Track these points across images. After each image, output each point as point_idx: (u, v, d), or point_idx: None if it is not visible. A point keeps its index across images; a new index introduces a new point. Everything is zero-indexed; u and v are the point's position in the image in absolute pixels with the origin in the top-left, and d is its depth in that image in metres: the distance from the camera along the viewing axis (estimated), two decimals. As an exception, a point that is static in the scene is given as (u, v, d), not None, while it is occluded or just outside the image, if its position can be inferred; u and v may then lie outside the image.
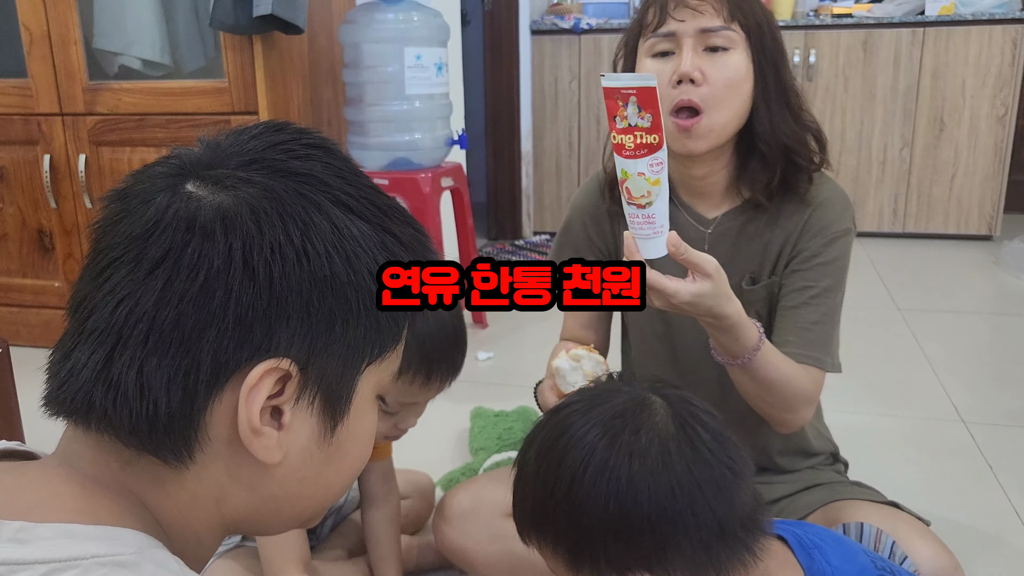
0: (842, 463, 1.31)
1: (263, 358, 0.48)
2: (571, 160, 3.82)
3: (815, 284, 1.09)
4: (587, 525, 0.69)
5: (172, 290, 0.46)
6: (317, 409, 0.52)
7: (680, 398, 0.74)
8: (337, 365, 0.51)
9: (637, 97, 0.84)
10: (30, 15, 2.13)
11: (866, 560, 0.79)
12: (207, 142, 0.52)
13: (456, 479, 1.56)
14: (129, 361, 0.46)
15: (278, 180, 0.49)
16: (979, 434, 1.79)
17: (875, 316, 2.62)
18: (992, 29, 3.35)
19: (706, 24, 1.02)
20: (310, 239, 0.48)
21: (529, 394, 1.33)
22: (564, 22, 3.67)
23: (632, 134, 0.86)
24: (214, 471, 0.50)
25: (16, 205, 2.31)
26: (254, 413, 0.48)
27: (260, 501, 0.53)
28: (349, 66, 2.21)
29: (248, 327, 0.47)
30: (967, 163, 3.50)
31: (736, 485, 0.70)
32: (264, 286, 0.47)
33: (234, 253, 0.46)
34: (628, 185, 0.88)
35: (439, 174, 2.27)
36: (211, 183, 0.48)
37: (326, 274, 0.49)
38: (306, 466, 0.53)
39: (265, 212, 0.48)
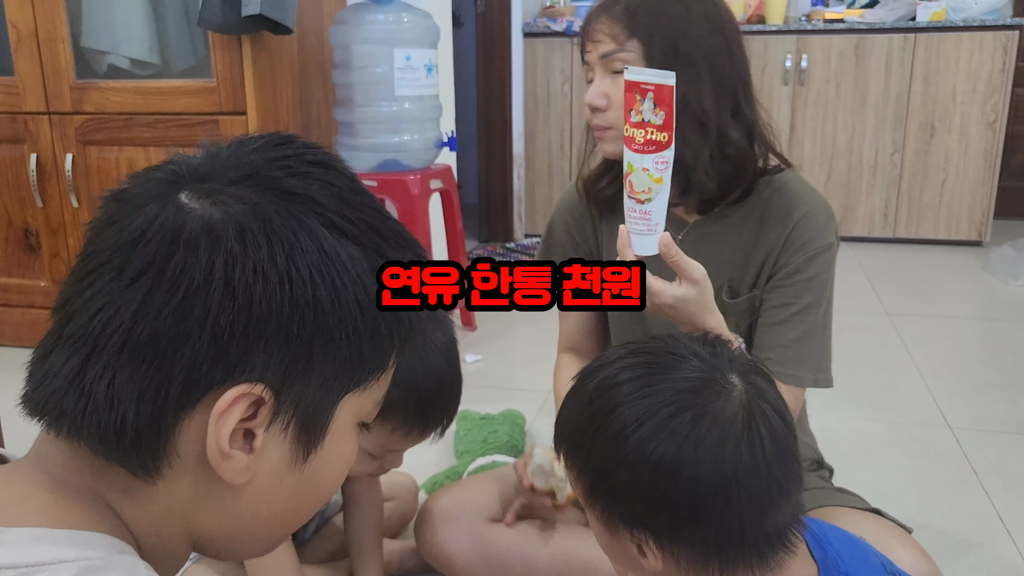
0: (827, 469, 1.31)
1: (237, 381, 0.47)
2: (563, 163, 3.81)
3: (796, 301, 1.09)
4: (616, 476, 0.70)
5: (151, 302, 0.45)
6: (291, 434, 0.50)
7: (759, 391, 0.70)
8: (314, 392, 0.50)
9: (655, 93, 0.86)
10: (18, 13, 2.12)
11: (877, 562, 0.78)
12: (208, 150, 0.51)
13: (440, 482, 1.56)
14: (102, 371, 0.46)
15: (270, 198, 0.48)
16: (964, 439, 1.79)
17: (864, 321, 2.62)
18: (983, 35, 3.36)
19: (603, 51, 1.06)
20: (295, 262, 0.47)
21: (516, 397, 1.33)
22: (557, 25, 3.67)
23: (644, 129, 0.87)
24: (183, 486, 0.49)
25: (2, 204, 2.30)
26: (223, 437, 0.47)
27: (227, 521, 0.52)
28: (339, 67, 2.20)
29: (224, 347, 0.46)
30: (957, 169, 3.51)
31: (777, 504, 0.68)
32: (243, 307, 0.46)
33: (216, 271, 0.45)
34: (632, 179, 0.89)
35: (428, 176, 2.26)
36: (203, 196, 0.47)
37: (308, 299, 0.47)
38: (275, 490, 0.52)
39: (251, 231, 0.46)
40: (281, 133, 0.53)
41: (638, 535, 0.70)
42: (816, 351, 1.10)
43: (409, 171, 2.22)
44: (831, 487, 1.24)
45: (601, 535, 0.76)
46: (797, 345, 1.08)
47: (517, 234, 3.87)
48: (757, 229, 1.11)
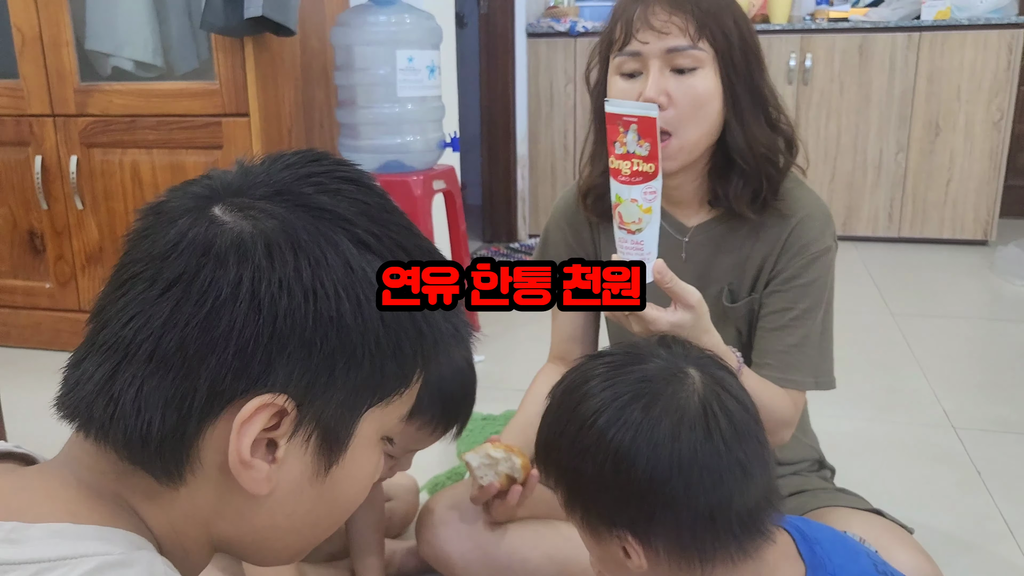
0: (828, 469, 1.31)
1: (260, 392, 0.48)
2: (566, 163, 3.81)
3: (794, 306, 1.08)
4: (584, 472, 0.71)
5: (180, 313, 0.47)
6: (312, 447, 0.51)
7: (717, 380, 0.73)
8: (337, 406, 0.51)
9: (638, 125, 0.86)
10: (22, 16, 2.13)
11: (868, 562, 0.78)
12: (243, 165, 0.53)
13: (442, 483, 1.56)
14: (131, 378, 0.47)
15: (299, 214, 0.49)
16: (968, 440, 1.78)
17: (868, 321, 2.61)
18: (988, 34, 3.35)
19: (672, 44, 0.99)
20: (320, 278, 0.48)
21: (518, 398, 1.33)
22: (560, 25, 3.67)
23: (629, 160, 0.87)
24: (205, 493, 0.51)
25: (7, 206, 2.31)
26: (245, 446, 0.48)
27: (247, 530, 0.53)
28: (341, 68, 2.20)
29: (248, 359, 0.47)
30: (963, 168, 3.49)
31: (742, 482, 0.70)
32: (268, 320, 0.47)
33: (243, 284, 0.47)
34: (620, 210, 0.89)
35: (431, 177, 2.26)
36: (236, 210, 0.49)
37: (332, 315, 0.48)
38: (296, 501, 0.53)
39: (279, 246, 0.48)
40: (315, 150, 0.54)
41: (617, 532, 0.72)
42: (815, 355, 1.09)
43: (412, 172, 2.23)
44: (832, 487, 1.23)
45: (590, 546, 0.77)
46: (796, 350, 1.08)
47: (521, 235, 3.87)
48: (755, 233, 1.11)
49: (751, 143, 1.04)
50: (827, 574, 0.73)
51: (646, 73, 1.01)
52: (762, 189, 1.07)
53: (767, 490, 0.72)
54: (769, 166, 1.07)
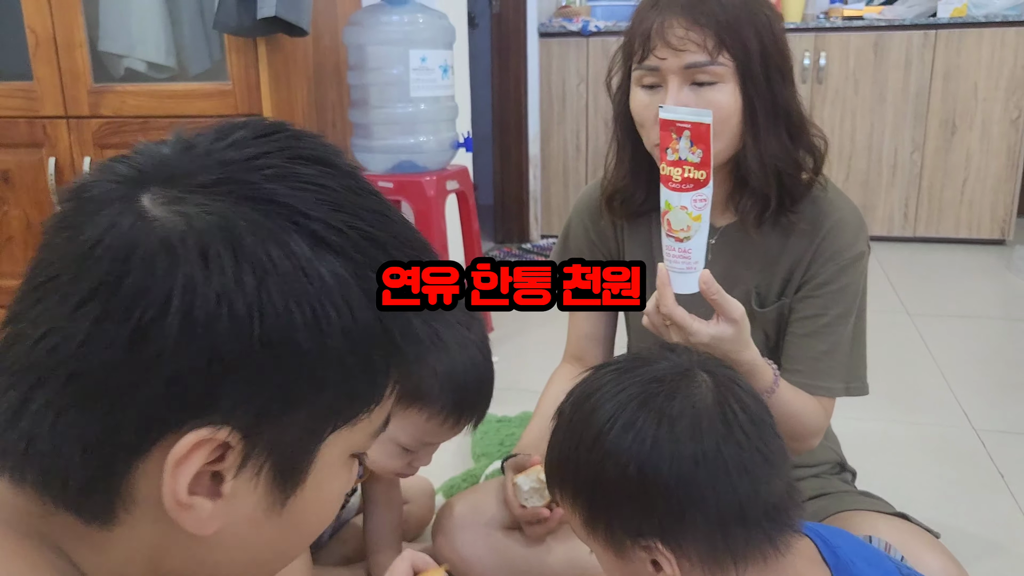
0: (849, 472, 1.29)
1: (198, 425, 0.40)
2: (579, 163, 3.80)
3: (826, 312, 1.07)
4: (606, 482, 0.69)
5: (101, 332, 0.39)
6: (265, 479, 0.44)
7: (727, 377, 0.73)
8: (294, 433, 0.44)
9: (691, 132, 0.84)
10: (35, 18, 2.13)
11: (892, 566, 0.77)
12: (182, 140, 0.45)
13: (457, 485, 1.55)
14: (44, 408, 0.40)
15: (244, 208, 0.41)
16: (990, 441, 1.76)
17: (885, 321, 2.59)
18: (1005, 31, 3.31)
19: (690, 61, 0.97)
20: (267, 289, 0.40)
21: (533, 400, 1.32)
22: (572, 24, 3.66)
23: (681, 167, 0.86)
24: (145, 531, 0.44)
25: (21, 208, 2.31)
26: (181, 487, 0.41)
27: (198, 566, 0.46)
28: (353, 68, 2.20)
29: (183, 387, 0.40)
30: (979, 167, 3.46)
31: (766, 473, 0.69)
32: (205, 342, 0.39)
33: (173, 298, 0.39)
34: (669, 217, 0.88)
35: (444, 177, 2.25)
36: (167, 202, 0.41)
37: (283, 334, 0.41)
38: (252, 535, 0.46)
39: (216, 251, 0.40)
40: (269, 121, 0.46)
41: (646, 543, 0.69)
42: (847, 361, 1.08)
43: (425, 172, 2.22)
44: (855, 490, 1.21)
45: (613, 569, 0.74)
46: (827, 357, 1.07)
47: (533, 235, 3.86)
48: (785, 235, 1.09)
49: (764, 160, 1.02)
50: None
51: (665, 87, 1.00)
52: (769, 206, 1.05)
53: (789, 482, 0.71)
54: (785, 180, 1.04)
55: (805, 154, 1.06)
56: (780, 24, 1.03)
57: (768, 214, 1.06)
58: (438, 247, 2.23)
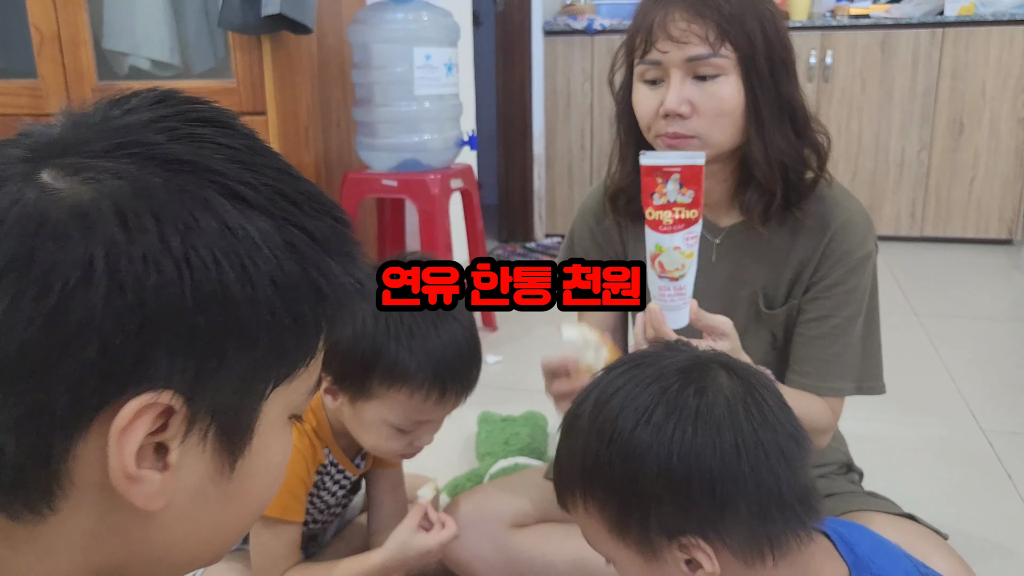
0: (856, 472, 1.28)
1: (137, 391, 0.39)
2: (583, 162, 3.79)
3: (835, 314, 1.06)
4: (644, 479, 0.67)
5: (18, 309, 0.37)
6: (211, 444, 0.44)
7: (742, 366, 0.72)
8: (234, 392, 0.43)
9: (681, 175, 0.83)
10: (40, 16, 2.13)
11: (910, 565, 0.76)
12: (71, 116, 0.44)
13: (462, 485, 1.54)
14: None
15: (152, 169, 0.40)
16: (998, 443, 1.74)
17: (892, 322, 2.56)
18: (1013, 30, 3.29)
19: (692, 53, 0.97)
20: (193, 244, 0.40)
21: (537, 399, 1.31)
22: (577, 23, 3.65)
23: (670, 210, 0.84)
24: (80, 519, 0.42)
25: (26, 206, 2.32)
26: (128, 458, 0.40)
27: (141, 547, 0.45)
28: (358, 66, 2.19)
29: (116, 354, 0.39)
30: (987, 166, 3.44)
31: (799, 454, 0.68)
32: (135, 304, 0.38)
33: (95, 264, 0.38)
34: (662, 260, 0.87)
35: (449, 175, 2.24)
36: (70, 173, 0.40)
37: (214, 288, 0.40)
38: (199, 508, 0.45)
39: (134, 212, 0.39)
40: (158, 89, 0.45)
41: (686, 541, 0.68)
42: (858, 362, 1.07)
43: (429, 171, 2.21)
44: (862, 491, 1.20)
45: (641, 569, 0.71)
46: (837, 359, 1.06)
47: (537, 234, 3.85)
48: (792, 235, 1.08)
49: (769, 153, 1.01)
50: (871, 574, 0.71)
51: (667, 81, 0.99)
52: (774, 202, 1.04)
53: (810, 469, 0.71)
54: (791, 175, 1.03)
55: (810, 151, 1.05)
56: (782, 19, 1.03)
57: (774, 209, 1.05)
58: (442, 245, 2.22)
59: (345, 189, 2.23)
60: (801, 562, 0.69)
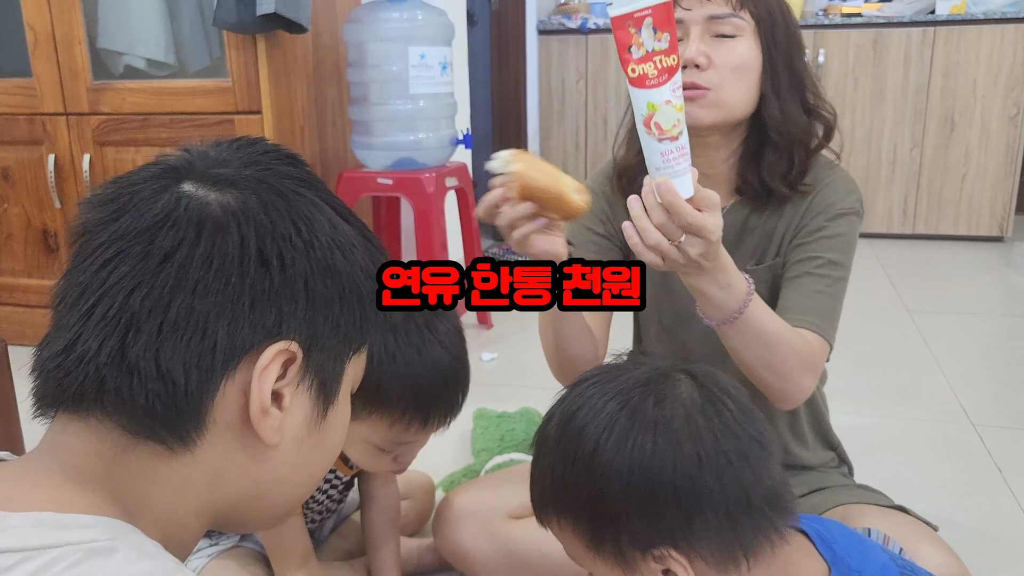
0: (847, 466, 1.29)
1: (273, 341, 0.51)
2: (578, 160, 3.80)
3: (820, 256, 1.06)
4: (610, 496, 0.68)
5: (186, 278, 0.49)
6: (312, 394, 0.55)
7: (705, 372, 0.73)
8: (331, 351, 0.55)
9: (653, 17, 0.78)
10: (34, 15, 2.13)
11: (885, 558, 0.77)
12: (193, 150, 0.55)
13: (457, 480, 1.55)
14: (144, 347, 0.48)
15: (278, 181, 0.54)
16: (988, 436, 1.76)
17: (884, 317, 2.59)
18: (1004, 28, 3.32)
19: (714, 11, 1.01)
20: (314, 231, 0.53)
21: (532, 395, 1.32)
22: (571, 22, 3.66)
23: (651, 60, 0.79)
24: (212, 455, 0.52)
25: (21, 205, 2.32)
26: (266, 393, 0.51)
27: (252, 485, 0.55)
28: (353, 65, 2.20)
29: (260, 311, 0.50)
30: (978, 163, 3.46)
31: (763, 457, 0.69)
32: (276, 272, 0.51)
33: (247, 242, 0.50)
34: (657, 119, 0.80)
35: (444, 174, 2.25)
36: (210, 183, 0.52)
37: (329, 263, 0.53)
38: (297, 451, 0.55)
39: (275, 206, 0.52)
40: (249, 136, 0.58)
41: (658, 553, 0.69)
42: (835, 308, 1.06)
43: (424, 169, 2.22)
44: (853, 484, 1.22)
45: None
46: (820, 296, 1.05)
47: (532, 232, 3.86)
48: (778, 210, 1.11)
49: (786, 119, 1.05)
50: (850, 571, 0.72)
51: (686, 39, 1.02)
52: (793, 168, 1.07)
53: (780, 468, 0.72)
54: (800, 148, 1.07)
55: (817, 124, 1.09)
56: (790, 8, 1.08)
57: (793, 175, 1.07)
58: (437, 243, 2.23)
59: (341, 187, 2.23)
60: (778, 564, 0.70)
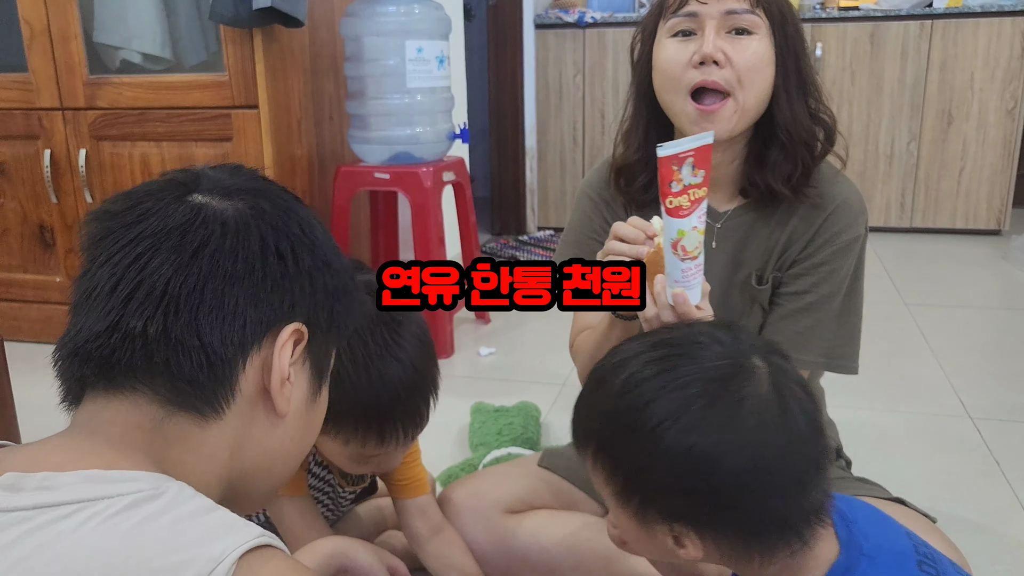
0: (844, 459, 1.29)
1: (287, 322, 0.60)
2: (575, 155, 3.80)
3: (813, 291, 1.08)
4: (656, 471, 0.68)
5: (218, 268, 0.57)
6: (309, 373, 0.64)
7: (781, 369, 0.71)
8: (325, 339, 0.64)
9: (695, 158, 0.84)
10: (30, 9, 2.12)
11: (907, 544, 0.76)
12: (193, 169, 0.63)
13: (456, 475, 1.55)
14: (187, 323, 0.56)
15: (276, 194, 0.63)
16: (986, 429, 1.76)
17: (882, 311, 2.59)
18: (1001, 21, 3.31)
19: (731, 7, 1.01)
20: (313, 234, 0.62)
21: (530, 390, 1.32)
22: (568, 16, 3.65)
23: (687, 193, 0.85)
24: (235, 425, 0.59)
25: (17, 200, 2.31)
26: (286, 365, 0.60)
27: (262, 456, 0.62)
28: (350, 59, 2.19)
29: (279, 296, 0.59)
30: (975, 157, 3.46)
31: (815, 483, 0.68)
32: (290, 264, 0.60)
33: (266, 238, 0.59)
34: (684, 243, 0.86)
35: (441, 168, 2.25)
36: (219, 195, 0.60)
37: (327, 261, 0.63)
38: (296, 426, 0.64)
39: (282, 211, 0.61)
40: (238, 164, 0.66)
41: (677, 528, 0.69)
42: (829, 338, 1.08)
43: (421, 163, 2.21)
44: (852, 477, 1.22)
45: (632, 530, 0.74)
46: (809, 332, 1.07)
47: (530, 227, 3.86)
48: (785, 219, 1.10)
49: (795, 119, 1.05)
50: (861, 553, 0.71)
51: (701, 33, 1.02)
52: (797, 170, 1.06)
53: (827, 481, 0.71)
54: (805, 151, 1.06)
55: (819, 128, 1.09)
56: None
57: (797, 177, 1.06)
58: (435, 238, 2.23)
59: (338, 182, 2.23)
60: (795, 564, 0.70)
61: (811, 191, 1.08)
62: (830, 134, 1.09)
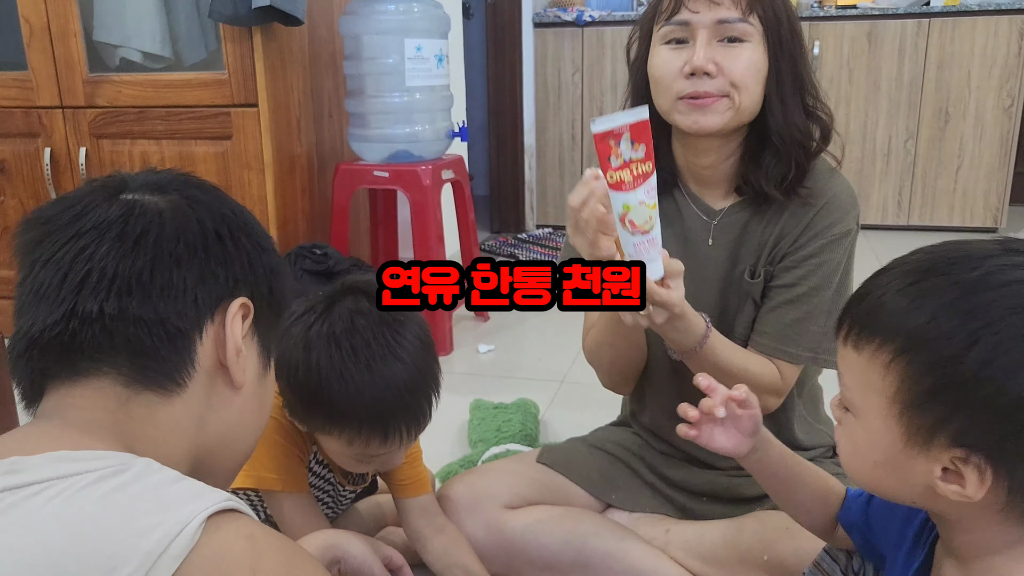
0: (842, 455, 1.30)
1: (233, 297, 0.64)
2: (574, 153, 3.80)
3: (802, 283, 1.08)
4: (976, 396, 0.58)
5: (162, 251, 0.60)
6: (258, 348, 0.67)
7: None
8: (268, 316, 0.68)
9: (631, 132, 0.85)
10: (30, 7, 2.12)
11: None
12: (114, 176, 0.66)
13: (455, 471, 1.56)
14: (141, 302, 0.58)
15: (205, 188, 0.67)
16: (982, 427, 1.77)
17: (878, 309, 2.60)
18: (998, 20, 3.32)
19: (723, 16, 1.01)
20: (244, 218, 0.67)
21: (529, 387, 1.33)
22: (567, 14, 3.66)
23: (628, 168, 0.86)
24: (197, 398, 0.62)
25: (17, 198, 2.31)
26: (238, 336, 0.63)
27: (225, 430, 0.66)
28: (349, 58, 2.20)
29: (223, 273, 0.63)
30: (973, 155, 3.48)
31: None
32: (229, 244, 0.64)
33: (204, 222, 0.63)
34: (631, 217, 0.88)
35: (440, 166, 2.26)
36: (149, 191, 0.63)
37: (261, 243, 0.67)
38: (251, 401, 0.67)
39: (213, 198, 0.66)
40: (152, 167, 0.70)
41: (973, 459, 0.59)
42: (818, 332, 1.09)
43: (420, 162, 2.22)
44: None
45: (883, 445, 0.63)
46: (797, 325, 1.08)
47: (528, 225, 3.87)
48: (778, 216, 1.11)
49: (788, 124, 1.05)
50: None
51: (693, 42, 1.02)
52: (790, 173, 1.07)
53: None
54: (800, 151, 1.07)
55: (815, 127, 1.09)
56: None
57: (790, 180, 1.07)
58: (434, 236, 2.24)
59: (337, 180, 2.24)
60: None
61: (803, 190, 1.09)
62: (826, 131, 1.10)
